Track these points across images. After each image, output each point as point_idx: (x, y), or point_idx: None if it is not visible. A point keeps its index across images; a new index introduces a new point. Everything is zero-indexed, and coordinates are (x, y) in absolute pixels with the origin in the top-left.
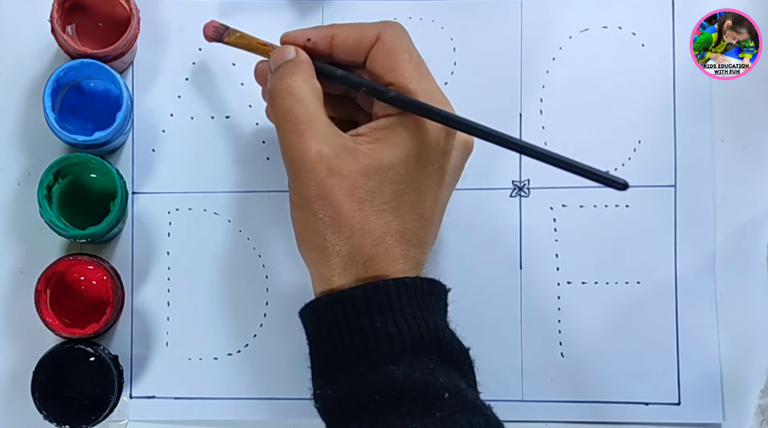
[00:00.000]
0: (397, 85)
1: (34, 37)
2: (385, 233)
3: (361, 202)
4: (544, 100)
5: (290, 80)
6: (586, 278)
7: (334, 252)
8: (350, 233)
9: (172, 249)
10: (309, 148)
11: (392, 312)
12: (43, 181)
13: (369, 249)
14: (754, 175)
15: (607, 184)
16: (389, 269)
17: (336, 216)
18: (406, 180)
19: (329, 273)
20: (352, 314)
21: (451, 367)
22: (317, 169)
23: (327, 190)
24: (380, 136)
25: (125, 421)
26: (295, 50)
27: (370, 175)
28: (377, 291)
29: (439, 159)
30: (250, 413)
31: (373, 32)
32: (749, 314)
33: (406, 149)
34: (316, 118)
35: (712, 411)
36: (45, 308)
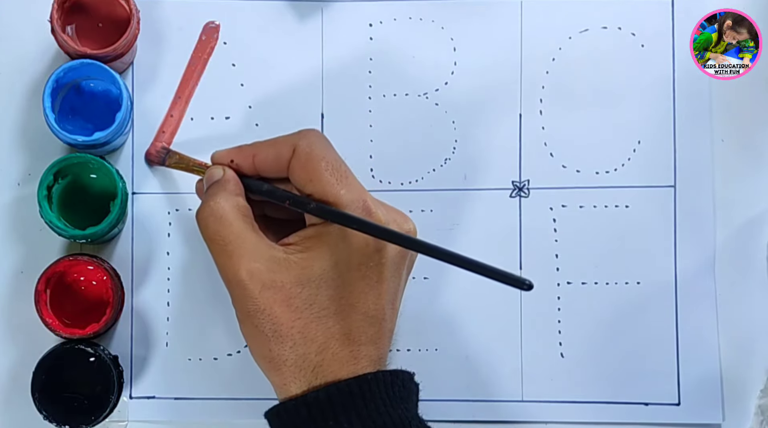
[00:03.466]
0: (316, 194)
1: (34, 37)
2: (329, 338)
3: (298, 311)
4: (544, 100)
5: (213, 202)
6: (586, 278)
7: (281, 362)
8: (293, 342)
9: (172, 250)
10: (239, 267)
11: (356, 411)
12: (43, 182)
13: (315, 356)
14: (754, 175)
15: (511, 284)
16: (339, 373)
17: (276, 327)
18: (341, 284)
19: (282, 381)
20: (318, 417)
21: None
22: (250, 286)
23: (263, 304)
24: (309, 245)
25: (125, 421)
26: (222, 170)
27: (304, 283)
28: (340, 393)
29: (373, 257)
30: (250, 413)
31: (289, 146)
32: (749, 314)
33: (335, 255)
34: (242, 235)
35: (712, 411)
36: (45, 308)
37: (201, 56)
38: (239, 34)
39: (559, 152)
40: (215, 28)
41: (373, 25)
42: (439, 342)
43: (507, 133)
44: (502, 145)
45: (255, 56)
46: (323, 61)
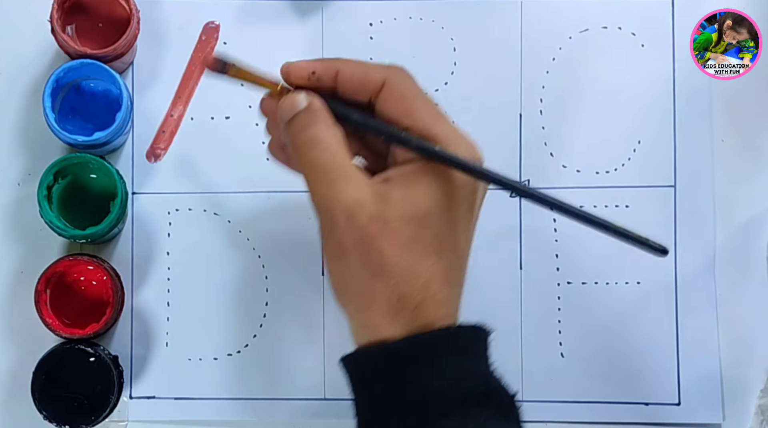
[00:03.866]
0: (416, 129)
1: (34, 37)
2: (430, 277)
3: (404, 247)
4: (544, 100)
5: (313, 131)
6: (586, 278)
7: (378, 300)
8: (396, 279)
9: (172, 250)
10: (345, 196)
11: (441, 364)
12: (43, 181)
13: (417, 295)
14: (754, 175)
15: (645, 248)
16: (437, 314)
17: (380, 262)
18: (444, 221)
19: (375, 322)
20: (400, 368)
21: (501, 416)
22: (357, 217)
23: (369, 236)
24: (411, 181)
25: (125, 421)
26: (306, 97)
27: (410, 220)
28: (423, 344)
29: (469, 198)
30: (250, 413)
31: (380, 75)
32: (749, 314)
33: (438, 192)
34: (346, 165)
35: (712, 411)
36: (45, 308)
37: (201, 56)
38: (239, 34)
39: (559, 152)
40: (215, 28)
41: (373, 25)
42: None
43: (507, 133)
44: (502, 145)
45: (255, 56)
46: None
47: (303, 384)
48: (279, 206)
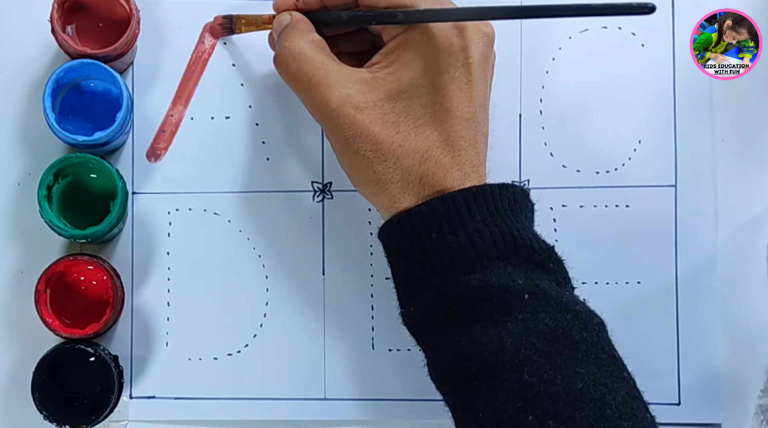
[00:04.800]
0: (393, 7)
1: (34, 37)
2: (430, 146)
3: (395, 125)
4: (544, 100)
5: (288, 42)
6: (586, 278)
7: (387, 181)
8: (395, 158)
9: (172, 250)
10: (329, 96)
11: (462, 222)
12: (43, 181)
13: (419, 167)
14: (754, 175)
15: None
16: (446, 179)
17: (376, 147)
18: (432, 89)
19: (390, 201)
20: (422, 230)
21: (532, 268)
22: (344, 112)
23: (359, 126)
24: (393, 58)
25: (125, 421)
26: (289, 14)
27: (395, 97)
28: (444, 205)
29: (459, 58)
30: (251, 413)
31: None
32: (749, 314)
33: (422, 61)
34: (325, 67)
35: (712, 411)
36: (45, 308)
37: (201, 56)
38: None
39: (559, 152)
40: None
41: None
42: None
43: (507, 133)
44: (502, 144)
45: (255, 56)
46: None
47: (303, 384)
48: (279, 206)
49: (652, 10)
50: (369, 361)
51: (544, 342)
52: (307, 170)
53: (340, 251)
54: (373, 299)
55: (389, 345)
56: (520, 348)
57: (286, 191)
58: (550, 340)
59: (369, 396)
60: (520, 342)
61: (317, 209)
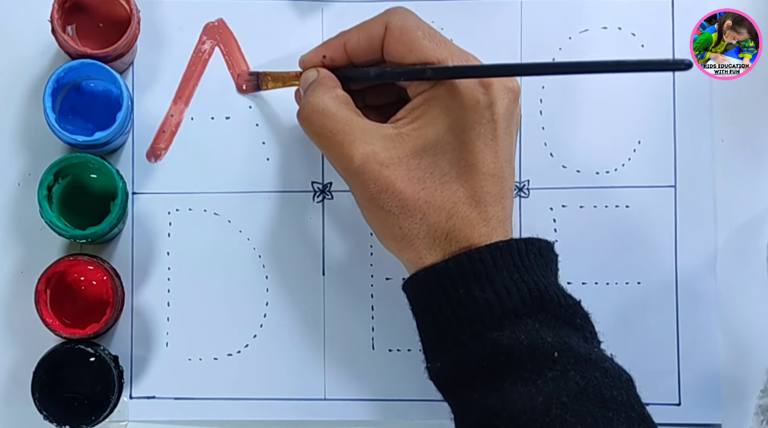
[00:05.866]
0: (420, 63)
1: (34, 37)
2: (456, 202)
3: (421, 181)
4: (544, 100)
5: (312, 98)
6: (586, 278)
7: (413, 237)
8: (421, 214)
9: (172, 250)
10: (353, 152)
11: (489, 278)
12: (44, 181)
13: (445, 223)
14: (754, 175)
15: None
16: (473, 235)
17: (402, 203)
18: (458, 146)
19: (416, 256)
20: (449, 285)
21: (560, 324)
22: (369, 168)
23: (385, 182)
24: (418, 114)
25: (125, 421)
26: (316, 71)
27: (421, 153)
28: (471, 261)
29: (485, 114)
30: (250, 413)
31: (380, 24)
32: (749, 314)
33: (447, 118)
34: (349, 123)
35: (712, 411)
36: (45, 308)
37: (201, 56)
38: (239, 35)
39: (559, 152)
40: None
41: None
42: None
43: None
44: None
45: (255, 56)
46: None
47: (303, 384)
48: (279, 206)
49: (689, 66)
50: (369, 361)
51: (574, 401)
52: (307, 170)
53: (340, 251)
54: (373, 299)
55: (389, 345)
56: (550, 407)
57: (286, 191)
58: (580, 399)
59: (369, 396)
60: (550, 401)
61: (317, 209)
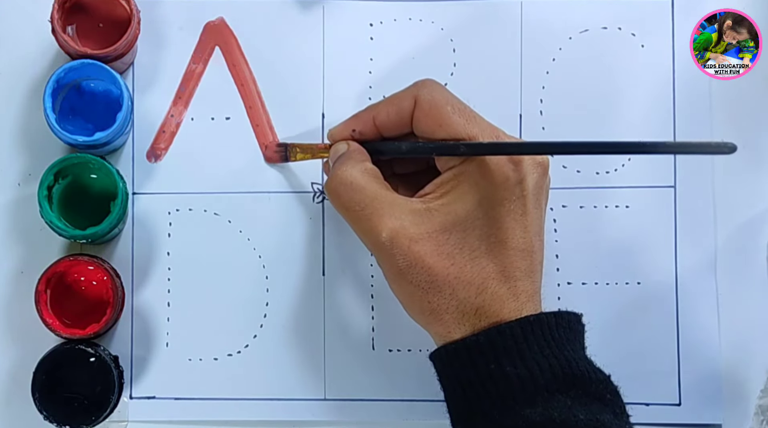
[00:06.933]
0: (450, 138)
1: (34, 37)
2: (486, 278)
3: (450, 256)
4: (544, 101)
5: (341, 171)
6: (586, 278)
7: (442, 311)
8: (451, 289)
9: (173, 250)
10: (381, 227)
11: (520, 354)
12: (44, 182)
13: (475, 299)
14: (754, 175)
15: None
16: (502, 311)
17: (431, 278)
18: (488, 222)
19: (446, 331)
20: (480, 360)
21: (591, 400)
22: (398, 243)
23: (414, 258)
24: (447, 189)
25: (125, 421)
26: (346, 144)
27: (450, 229)
28: (502, 335)
29: (515, 190)
30: (250, 413)
31: (409, 98)
32: (749, 314)
33: (477, 194)
34: (378, 196)
35: (713, 411)
36: (45, 308)
37: (201, 56)
38: (239, 35)
39: None
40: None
41: (373, 25)
42: None
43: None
44: None
45: (255, 56)
46: (324, 60)
47: (303, 384)
48: (279, 206)
49: (733, 150)
50: (369, 361)
51: None
52: (307, 170)
53: (340, 251)
54: (373, 299)
55: (389, 345)
56: None
57: (286, 191)
58: None
59: (369, 396)
60: None
61: (317, 209)
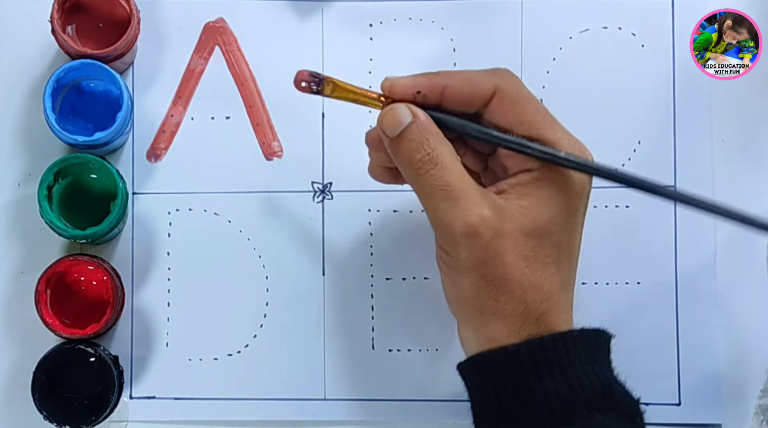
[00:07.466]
0: (532, 136)
1: (34, 37)
2: (552, 285)
3: (527, 259)
4: (544, 100)
5: (429, 148)
6: (587, 278)
7: (506, 313)
8: (522, 291)
9: (172, 250)
10: (469, 213)
11: (561, 368)
12: (44, 182)
13: (541, 304)
14: (754, 175)
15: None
16: (558, 320)
17: (505, 276)
18: (562, 230)
19: (499, 334)
20: (519, 371)
21: (626, 421)
22: (481, 233)
23: (494, 251)
24: (527, 192)
25: (125, 421)
26: (410, 111)
27: (530, 232)
28: (544, 347)
29: (585, 201)
30: (250, 413)
31: (489, 84)
32: (749, 314)
33: (558, 202)
34: (466, 181)
35: (713, 411)
36: (45, 308)
37: (201, 56)
38: (239, 35)
39: None
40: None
41: (373, 25)
42: (439, 342)
43: None
44: None
45: (255, 56)
46: (323, 60)
47: (303, 384)
48: (279, 206)
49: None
50: (369, 361)
51: None
52: (307, 170)
53: (340, 251)
54: (373, 299)
55: (389, 345)
56: None
57: (286, 191)
58: None
59: (369, 397)
60: None
61: (317, 209)
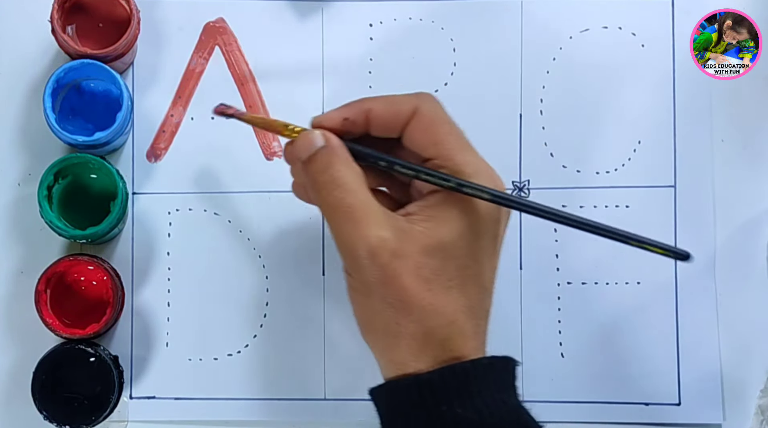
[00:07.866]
0: (440, 158)
1: (34, 37)
2: (456, 310)
3: (428, 281)
4: (544, 100)
5: (333, 170)
6: (586, 278)
7: (406, 336)
8: (422, 314)
9: (172, 250)
10: (368, 234)
11: (470, 396)
12: (44, 182)
13: (443, 329)
14: (754, 175)
15: (666, 254)
16: (465, 347)
17: (405, 298)
18: (467, 253)
19: (403, 358)
20: (430, 400)
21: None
22: (379, 254)
23: (392, 273)
24: (433, 214)
25: (125, 421)
26: (322, 136)
27: (432, 253)
28: (455, 376)
29: (492, 228)
30: (250, 413)
31: (410, 105)
32: (749, 314)
33: (461, 224)
34: (368, 203)
35: (712, 411)
36: (45, 308)
37: (201, 56)
38: (239, 35)
39: (559, 152)
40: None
41: (373, 25)
42: None
43: (507, 133)
44: (502, 145)
45: (255, 56)
46: (323, 61)
47: (303, 384)
48: (279, 206)
49: (687, 258)
50: (369, 361)
51: None
52: None
53: None
54: None
55: None
56: None
57: (286, 191)
58: None
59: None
60: None
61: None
